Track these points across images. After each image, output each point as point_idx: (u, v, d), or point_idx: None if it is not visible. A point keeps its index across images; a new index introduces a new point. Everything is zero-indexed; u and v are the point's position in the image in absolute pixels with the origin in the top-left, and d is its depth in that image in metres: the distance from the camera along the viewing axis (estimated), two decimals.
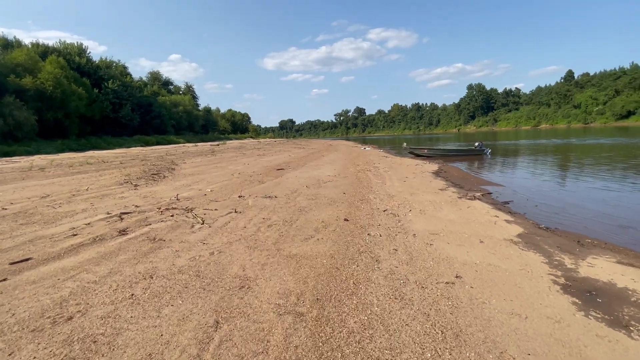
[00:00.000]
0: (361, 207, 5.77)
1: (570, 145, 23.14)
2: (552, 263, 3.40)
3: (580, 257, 3.58)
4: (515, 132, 78.16)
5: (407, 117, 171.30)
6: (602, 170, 10.57)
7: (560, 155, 17.32)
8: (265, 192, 7.21)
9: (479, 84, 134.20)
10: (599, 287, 2.87)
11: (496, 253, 3.65)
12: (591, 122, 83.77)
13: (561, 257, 3.56)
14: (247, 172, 11.00)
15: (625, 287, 2.87)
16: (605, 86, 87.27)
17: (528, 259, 3.49)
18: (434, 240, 4.04)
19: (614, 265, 3.39)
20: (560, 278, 3.06)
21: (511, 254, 3.64)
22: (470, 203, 6.24)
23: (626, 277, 3.09)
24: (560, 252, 3.73)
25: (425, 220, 5.02)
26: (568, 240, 4.18)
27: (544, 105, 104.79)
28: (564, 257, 3.56)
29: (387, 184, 8.53)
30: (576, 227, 4.86)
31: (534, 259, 3.49)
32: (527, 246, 3.89)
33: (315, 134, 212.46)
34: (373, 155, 19.96)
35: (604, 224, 5.05)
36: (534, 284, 2.93)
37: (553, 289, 2.84)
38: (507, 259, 3.49)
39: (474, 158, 17.08)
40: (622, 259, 3.57)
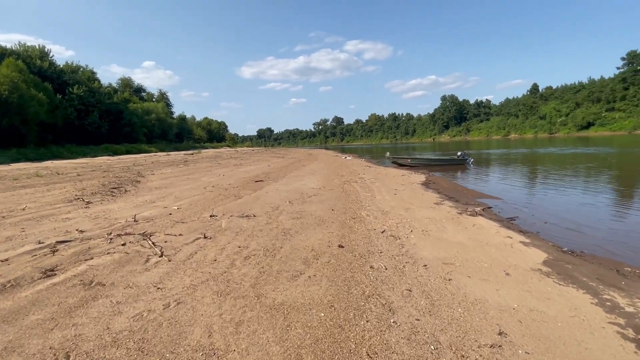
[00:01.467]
0: (355, 228, 4.98)
1: (548, 155, 23.68)
2: (604, 304, 2.73)
3: (632, 293, 2.95)
4: (487, 142, 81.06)
5: (384, 127, 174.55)
6: (590, 182, 10.44)
7: (540, 164, 17.47)
8: (242, 209, 6.27)
9: (452, 95, 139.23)
10: None
11: (532, 291, 2.95)
12: (556, 132, 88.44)
13: (610, 295, 2.91)
14: (222, 184, 9.96)
15: None
16: (567, 99, 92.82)
17: (574, 300, 2.80)
18: (452, 274, 3.30)
19: None
20: (627, 329, 2.37)
21: (550, 291, 2.95)
22: (473, 220, 5.61)
23: None
24: (605, 286, 3.08)
25: (432, 243, 4.29)
26: (604, 268, 3.58)
27: (512, 116, 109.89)
28: (614, 295, 2.90)
29: (377, 198, 7.81)
30: (600, 249, 4.31)
31: (581, 300, 2.81)
32: (563, 279, 3.23)
33: (294, 142, 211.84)
34: (355, 164, 19.37)
35: (625, 244, 4.53)
36: (601, 342, 2.22)
37: (628, 349, 2.14)
38: (549, 300, 2.78)
39: (457, 168, 16.86)
40: None
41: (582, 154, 22.34)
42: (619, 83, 79.12)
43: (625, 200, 7.70)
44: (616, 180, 10.68)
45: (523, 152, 28.13)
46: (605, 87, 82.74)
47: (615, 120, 75.93)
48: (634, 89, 74.72)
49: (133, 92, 69.54)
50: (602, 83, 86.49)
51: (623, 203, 7.38)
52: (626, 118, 73.95)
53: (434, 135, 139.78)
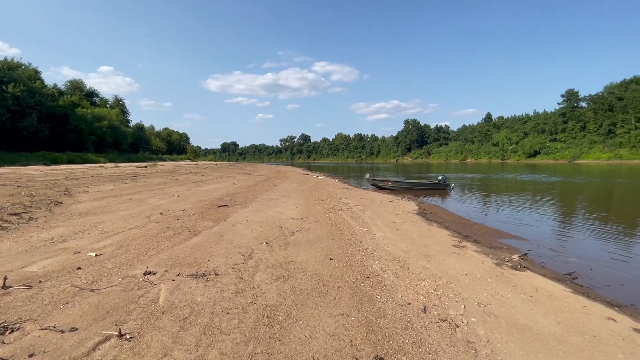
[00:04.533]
0: (378, 301, 3.20)
1: (522, 182, 23.92)
2: None
3: None
4: (446, 165, 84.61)
5: (350, 146, 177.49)
6: (601, 218, 9.69)
7: (520, 192, 17.13)
8: (198, 258, 4.22)
9: (414, 119, 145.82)
10: None
11: None
12: (507, 159, 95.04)
13: None
14: (174, 210, 7.73)
15: None
16: (516, 128, 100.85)
17: None
18: None
19: None
20: None
21: None
22: (526, 279, 4.10)
23: None
24: None
25: (513, 338, 2.64)
26: None
27: (469, 142, 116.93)
28: None
29: (377, 235, 6.14)
30: None
31: None
32: None
33: (260, 158, 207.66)
34: (331, 185, 17.77)
35: None
36: None
37: None
38: None
39: (438, 192, 15.94)
40: None
41: (556, 181, 22.83)
42: (559, 117, 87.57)
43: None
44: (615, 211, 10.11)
45: (494, 177, 28.53)
46: (548, 120, 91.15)
47: (557, 150, 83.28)
48: (572, 123, 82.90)
49: (84, 96, 63.20)
50: (545, 116, 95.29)
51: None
52: (566, 148, 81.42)
53: (397, 156, 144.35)
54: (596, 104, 76.52)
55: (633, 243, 6.37)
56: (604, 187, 18.94)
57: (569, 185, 20.21)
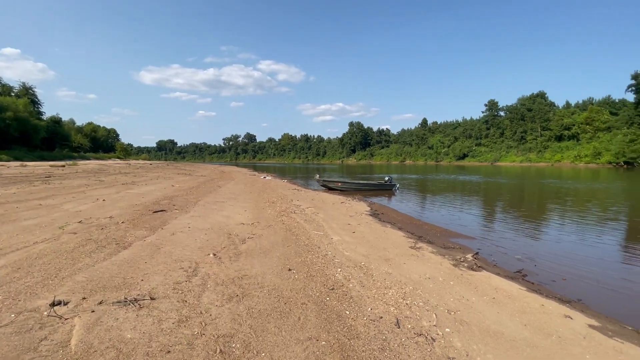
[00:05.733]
0: (347, 318, 2.88)
1: (456, 181, 25.94)
2: None
3: None
4: (387, 166, 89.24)
5: (296, 147, 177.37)
6: (534, 213, 10.70)
7: (458, 191, 18.49)
8: (127, 279, 3.47)
9: (358, 122, 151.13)
10: None
11: None
12: (440, 161, 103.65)
13: None
14: (97, 218, 6.55)
15: None
16: (448, 133, 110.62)
17: None
18: None
19: None
20: None
21: None
22: (483, 279, 4.16)
23: None
24: None
25: (491, 348, 2.52)
26: None
27: (407, 145, 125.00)
28: None
29: (334, 239, 5.87)
30: None
31: None
32: None
33: (201, 157, 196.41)
34: (280, 186, 17.21)
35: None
36: None
37: None
38: None
39: (385, 193, 16.43)
40: None
41: (482, 181, 25.23)
42: (483, 124, 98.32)
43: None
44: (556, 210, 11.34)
45: (431, 178, 30.61)
46: (474, 126, 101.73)
47: (482, 153, 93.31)
48: (493, 130, 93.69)
49: None
50: (472, 122, 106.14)
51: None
52: (489, 152, 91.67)
53: (342, 157, 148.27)
54: (511, 114, 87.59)
55: (561, 239, 7.08)
56: (520, 186, 21.47)
57: (494, 184, 22.53)
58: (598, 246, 6.33)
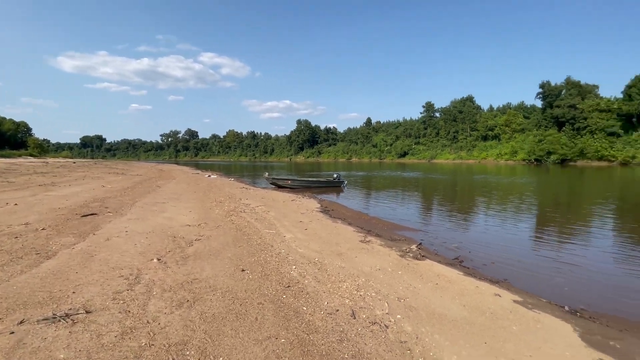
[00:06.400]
0: (305, 313, 2.90)
1: (399, 178, 27.52)
2: None
3: None
4: (335, 163, 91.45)
5: (243, 144, 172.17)
6: (463, 204, 11.77)
7: (402, 187, 19.67)
8: (54, 293, 3.05)
9: (305, 120, 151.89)
10: None
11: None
12: (384, 158, 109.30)
13: None
14: (9, 225, 5.63)
15: None
16: (390, 132, 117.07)
17: None
18: None
19: None
20: None
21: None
22: (427, 267, 4.51)
23: None
24: None
25: (438, 330, 2.76)
26: (619, 331, 2.90)
27: (353, 143, 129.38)
28: None
29: (287, 237, 5.85)
30: (578, 295, 3.85)
31: None
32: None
33: (135, 155, 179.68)
34: (227, 185, 16.57)
35: (598, 286, 4.34)
36: None
37: None
38: None
39: (334, 189, 16.82)
40: None
41: (421, 177, 27.20)
42: (421, 124, 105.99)
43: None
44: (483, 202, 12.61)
45: (376, 174, 32.11)
46: (413, 126, 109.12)
47: (420, 151, 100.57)
48: (430, 130, 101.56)
49: None
50: (411, 123, 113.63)
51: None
52: (426, 150, 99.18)
53: (290, 155, 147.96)
54: (445, 115, 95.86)
55: (489, 227, 7.98)
56: (454, 181, 23.68)
57: (432, 180, 24.51)
58: (518, 233, 7.29)
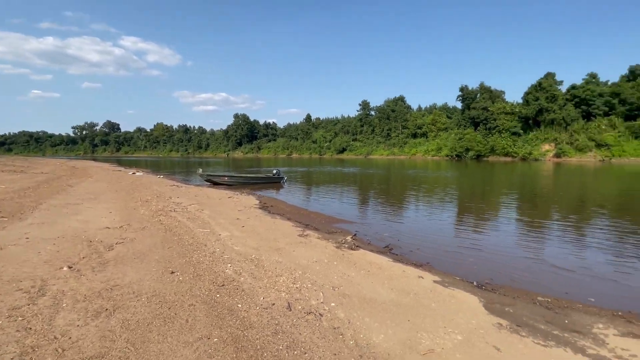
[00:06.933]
0: (240, 310, 2.85)
1: (335, 173, 28.32)
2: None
3: (587, 335, 2.78)
4: (275, 159, 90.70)
5: (174, 139, 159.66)
6: (384, 191, 12.61)
7: (341, 182, 20.32)
8: None
9: (243, 114, 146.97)
10: None
11: None
12: (324, 154, 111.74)
13: (582, 343, 2.60)
14: None
15: None
16: (329, 129, 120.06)
17: None
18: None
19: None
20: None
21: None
22: (361, 256, 4.78)
23: None
24: (565, 331, 2.81)
25: (368, 313, 2.96)
26: (531, 303, 3.47)
27: (293, 139, 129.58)
28: (585, 342, 2.62)
29: (222, 235, 5.65)
30: (484, 272, 4.45)
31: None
32: (526, 330, 2.73)
33: (39, 150, 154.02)
34: (155, 183, 15.24)
35: (505, 264, 5.01)
36: None
37: None
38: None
39: (274, 185, 16.67)
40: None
41: (359, 172, 28.46)
42: (358, 122, 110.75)
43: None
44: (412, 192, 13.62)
45: (319, 170, 32.65)
46: (351, 123, 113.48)
47: (357, 148, 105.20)
48: (366, 127, 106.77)
49: None
50: (349, 120, 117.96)
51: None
52: (363, 146, 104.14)
53: (228, 151, 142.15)
54: (380, 113, 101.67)
55: (417, 217, 8.74)
56: (387, 176, 25.36)
57: (368, 175, 25.87)
58: (440, 221, 8.12)
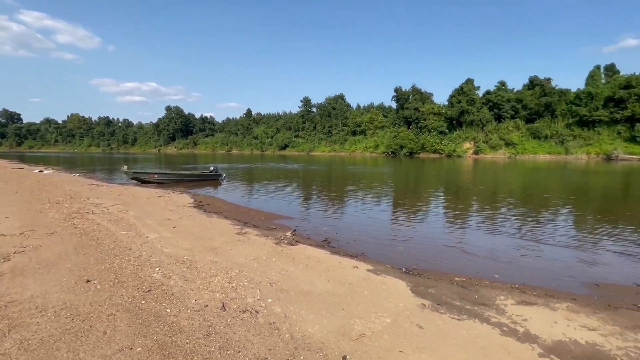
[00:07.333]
0: (168, 315, 2.66)
1: (275, 169, 28.00)
2: (510, 332, 2.72)
3: (492, 306, 3.21)
4: (213, 155, 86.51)
5: (93, 132, 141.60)
6: (329, 191, 12.90)
7: (282, 178, 20.15)
8: None
9: (177, 107, 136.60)
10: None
11: (465, 343, 2.48)
12: (265, 150, 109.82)
13: (488, 313, 3.00)
14: None
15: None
16: (271, 124, 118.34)
17: (487, 341, 2.60)
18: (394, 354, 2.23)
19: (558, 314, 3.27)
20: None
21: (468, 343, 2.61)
22: (300, 251, 4.82)
23: None
24: (475, 305, 3.20)
25: (305, 306, 3.00)
26: (449, 283, 3.85)
27: (233, 134, 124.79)
28: (490, 313, 3.02)
29: (150, 237, 5.21)
30: (412, 259, 4.82)
31: (488, 332, 2.66)
32: (444, 308, 3.06)
33: None
34: (69, 182, 13.35)
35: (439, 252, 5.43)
36: None
37: None
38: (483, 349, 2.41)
39: (211, 183, 15.86)
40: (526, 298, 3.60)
41: (302, 169, 28.55)
42: (300, 118, 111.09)
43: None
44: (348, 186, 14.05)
45: (261, 166, 31.91)
46: (293, 119, 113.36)
47: (300, 144, 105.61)
48: (308, 124, 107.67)
49: None
50: (291, 116, 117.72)
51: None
52: (305, 143, 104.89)
53: (159, 146, 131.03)
54: (321, 111, 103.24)
55: (355, 211, 9.11)
56: (329, 172, 25.98)
57: (310, 171, 26.18)
58: (376, 214, 8.60)
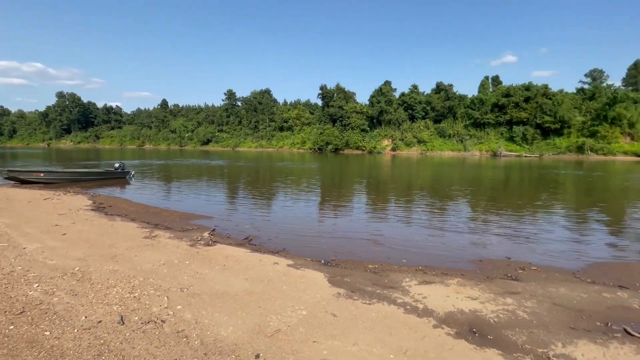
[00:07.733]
0: (47, 338, 2.25)
1: (195, 166, 26.09)
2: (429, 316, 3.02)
3: (398, 288, 3.53)
4: (121, 150, 76.87)
5: None
6: (253, 187, 12.55)
7: (202, 175, 18.84)
8: None
9: (72, 93, 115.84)
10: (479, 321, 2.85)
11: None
12: (185, 145, 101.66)
13: (395, 295, 3.29)
14: None
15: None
16: (191, 117, 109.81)
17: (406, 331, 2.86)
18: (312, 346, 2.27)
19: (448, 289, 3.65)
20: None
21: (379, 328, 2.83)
22: (218, 251, 4.58)
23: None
24: (384, 289, 3.47)
25: (221, 309, 2.86)
26: (363, 271, 4.09)
27: (146, 127, 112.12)
28: (397, 294, 3.32)
29: (28, 248, 4.35)
30: (331, 251, 4.98)
31: (394, 312, 2.93)
32: (357, 294, 3.26)
33: None
34: None
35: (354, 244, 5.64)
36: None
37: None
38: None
39: (116, 182, 13.98)
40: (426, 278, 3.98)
41: (226, 165, 27.14)
42: (224, 112, 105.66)
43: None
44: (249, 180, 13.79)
45: (180, 163, 29.27)
46: (216, 113, 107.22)
47: (224, 139, 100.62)
48: (233, 118, 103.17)
49: None
50: (214, 109, 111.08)
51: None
52: (230, 138, 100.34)
53: (48, 139, 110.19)
54: (247, 105, 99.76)
55: (281, 207, 9.05)
56: (255, 168, 25.37)
57: (234, 167, 25.16)
58: (299, 210, 8.69)
